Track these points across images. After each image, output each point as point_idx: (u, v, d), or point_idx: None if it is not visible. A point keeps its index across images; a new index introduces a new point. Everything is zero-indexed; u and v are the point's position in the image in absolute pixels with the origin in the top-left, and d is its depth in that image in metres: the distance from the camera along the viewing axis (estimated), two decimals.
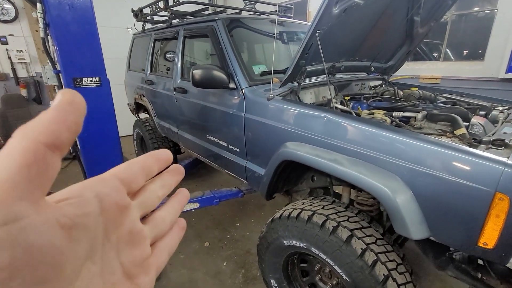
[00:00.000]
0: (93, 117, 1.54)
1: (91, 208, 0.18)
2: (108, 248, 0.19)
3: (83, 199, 0.18)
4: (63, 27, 1.30)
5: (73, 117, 0.17)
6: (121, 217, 0.20)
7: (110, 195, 0.20)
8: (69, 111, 0.17)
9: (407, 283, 1.14)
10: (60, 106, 0.17)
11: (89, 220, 0.17)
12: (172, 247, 0.27)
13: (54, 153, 0.16)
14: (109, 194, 0.19)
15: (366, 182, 1.08)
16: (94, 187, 0.19)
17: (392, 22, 1.82)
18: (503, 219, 0.84)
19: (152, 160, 0.25)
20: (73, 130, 0.17)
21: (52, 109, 0.16)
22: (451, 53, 3.41)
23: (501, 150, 0.98)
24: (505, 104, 1.78)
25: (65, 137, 0.16)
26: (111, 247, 0.20)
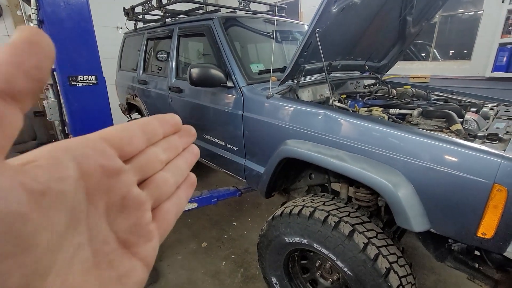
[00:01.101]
0: (89, 116, 1.50)
1: (67, 172, 0.15)
2: (96, 216, 0.17)
3: (57, 162, 0.15)
4: (58, 24, 1.27)
5: (33, 60, 0.14)
6: (110, 182, 0.18)
7: (92, 158, 0.17)
8: (27, 52, 0.14)
9: (407, 275, 1.17)
10: (15, 45, 0.13)
11: (65, 185, 0.15)
12: (179, 207, 0.25)
13: (8, 104, 0.13)
14: (91, 157, 0.17)
15: (369, 177, 1.11)
16: (70, 149, 0.16)
17: (386, 22, 1.86)
18: (501, 209, 0.87)
19: (155, 122, 0.23)
20: (33, 76, 0.14)
21: (4, 48, 0.13)
22: (440, 53, 3.52)
23: (496, 144, 1.02)
24: (493, 101, 1.86)
25: (21, 84, 0.13)
26: (99, 214, 0.18)
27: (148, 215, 0.21)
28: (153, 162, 0.22)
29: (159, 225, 0.22)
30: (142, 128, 0.21)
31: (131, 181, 0.20)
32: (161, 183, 0.23)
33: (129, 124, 0.21)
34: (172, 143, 0.24)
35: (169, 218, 0.23)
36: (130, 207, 0.20)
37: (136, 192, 0.20)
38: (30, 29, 0.14)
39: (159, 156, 0.23)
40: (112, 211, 0.19)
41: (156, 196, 0.22)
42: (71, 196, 0.15)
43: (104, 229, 0.18)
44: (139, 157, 0.21)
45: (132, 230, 0.20)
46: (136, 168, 0.21)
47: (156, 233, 0.22)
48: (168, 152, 0.24)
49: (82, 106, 1.44)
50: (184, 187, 0.26)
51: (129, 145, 0.20)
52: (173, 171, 0.24)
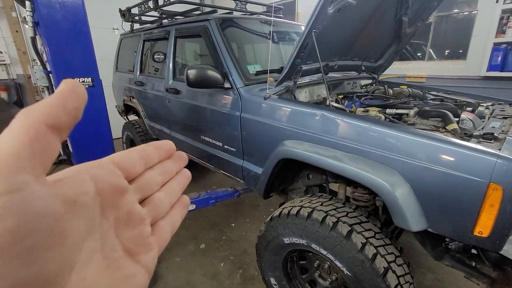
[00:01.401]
0: (86, 119, 1.49)
1: (88, 188, 0.19)
2: (106, 227, 0.21)
3: (80, 179, 0.19)
4: (53, 25, 1.26)
5: (74, 104, 0.18)
6: (118, 199, 0.21)
7: (105, 177, 0.21)
8: (70, 97, 0.18)
9: (405, 275, 1.17)
10: (62, 92, 0.18)
11: (87, 198, 0.18)
12: (174, 224, 0.28)
13: (54, 135, 0.17)
14: (105, 177, 0.21)
15: (366, 177, 1.11)
16: (89, 169, 0.20)
17: (382, 22, 1.87)
18: (497, 208, 0.88)
19: (152, 149, 0.27)
20: (73, 115, 0.18)
21: (54, 94, 0.18)
22: (435, 53, 3.55)
23: (492, 143, 1.03)
24: (489, 101, 1.87)
25: (65, 121, 0.17)
26: (109, 226, 0.21)
27: (148, 229, 0.25)
28: (151, 183, 0.26)
29: (157, 239, 0.26)
30: (141, 154, 0.25)
31: (134, 199, 0.23)
32: (158, 203, 0.26)
33: (130, 151, 0.25)
34: (167, 167, 0.28)
35: (165, 234, 0.27)
36: (134, 221, 0.23)
37: (138, 208, 0.24)
38: (72, 82, 0.19)
39: (156, 179, 0.26)
40: (119, 223, 0.22)
41: (154, 214, 0.26)
42: (91, 208, 0.19)
43: (113, 238, 0.21)
44: (140, 179, 0.25)
45: (136, 241, 0.23)
46: (137, 188, 0.24)
47: (156, 245, 0.25)
48: (163, 175, 0.27)
49: None
50: (179, 208, 0.29)
51: (132, 168, 0.24)
52: (168, 192, 0.28)
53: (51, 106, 0.17)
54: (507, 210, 0.88)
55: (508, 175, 0.87)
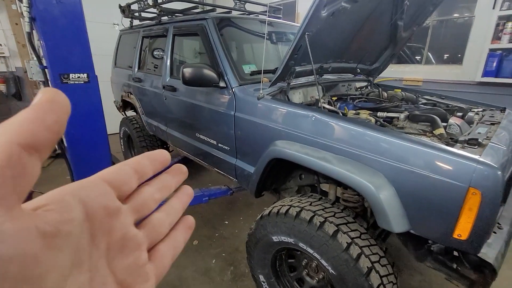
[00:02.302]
0: (81, 114, 1.51)
1: (74, 214, 0.17)
2: (97, 256, 0.18)
3: (65, 205, 0.17)
4: (50, 21, 1.28)
5: (54, 117, 0.15)
6: (111, 223, 0.19)
7: (96, 199, 0.18)
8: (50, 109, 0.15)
9: (389, 275, 1.20)
10: (39, 104, 0.15)
11: (72, 227, 0.16)
12: (176, 249, 0.25)
13: (31, 155, 0.14)
14: (95, 198, 0.18)
15: (352, 179, 1.14)
16: (77, 191, 0.18)
17: (377, 26, 1.89)
18: (475, 212, 0.90)
19: (146, 161, 0.24)
20: (54, 130, 0.15)
21: (30, 107, 0.15)
22: (432, 57, 3.57)
23: (475, 149, 1.05)
24: (480, 106, 1.90)
25: (44, 138, 0.15)
26: (100, 255, 0.19)
27: (145, 256, 0.22)
28: (148, 202, 0.23)
29: (156, 266, 0.23)
30: (134, 167, 0.23)
31: (129, 221, 0.21)
32: (157, 224, 0.24)
33: (122, 165, 0.22)
34: (165, 182, 0.26)
35: (165, 261, 0.24)
36: (129, 247, 0.21)
37: (133, 232, 0.21)
38: (51, 90, 0.16)
39: (153, 196, 0.24)
40: (112, 250, 0.19)
41: (152, 237, 0.23)
42: (77, 237, 0.17)
43: (104, 270, 0.19)
44: (135, 197, 0.22)
45: (130, 271, 0.20)
46: (133, 208, 0.22)
47: (153, 275, 0.22)
48: (162, 191, 0.25)
49: (73, 104, 1.44)
50: (182, 230, 0.26)
51: (125, 185, 0.21)
52: (168, 212, 0.25)
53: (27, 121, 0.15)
54: (485, 214, 0.90)
55: (486, 180, 0.89)
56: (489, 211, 0.90)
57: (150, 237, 0.23)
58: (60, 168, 3.57)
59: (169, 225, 0.25)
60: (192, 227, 0.28)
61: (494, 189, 0.89)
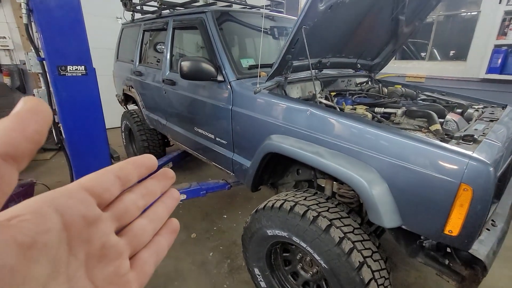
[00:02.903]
0: (79, 106, 1.53)
1: (50, 223, 0.16)
2: (75, 266, 0.18)
3: (41, 214, 0.16)
4: (47, 13, 1.28)
5: (35, 126, 0.15)
6: (90, 232, 0.19)
7: (74, 208, 0.18)
8: (30, 119, 0.15)
9: (381, 270, 1.20)
10: (20, 113, 0.15)
11: (49, 237, 0.16)
12: (159, 254, 0.25)
13: (9, 165, 0.14)
14: (73, 207, 0.18)
15: (344, 173, 1.14)
16: (54, 200, 0.17)
17: (378, 20, 1.86)
18: (466, 208, 0.90)
19: (130, 167, 0.23)
20: (34, 140, 0.15)
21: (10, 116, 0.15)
22: (436, 53, 3.52)
23: (470, 145, 1.04)
24: (482, 103, 1.87)
25: (24, 148, 0.15)
26: (79, 265, 0.18)
27: (126, 265, 0.21)
28: (130, 209, 0.22)
29: (138, 274, 0.22)
30: (117, 174, 0.22)
31: (109, 229, 0.20)
32: (139, 231, 0.23)
33: (104, 171, 0.21)
34: (149, 188, 0.25)
35: (147, 268, 0.23)
36: (109, 256, 0.20)
37: (114, 240, 0.21)
38: (32, 100, 0.16)
39: (136, 203, 0.23)
40: (91, 260, 0.19)
41: (134, 245, 0.23)
42: (54, 248, 0.16)
43: (83, 280, 0.18)
44: (117, 205, 0.22)
45: (110, 280, 0.20)
46: (113, 216, 0.21)
47: (135, 283, 0.22)
48: (146, 198, 0.24)
49: (71, 96, 1.47)
50: (166, 234, 0.25)
51: (106, 192, 0.21)
52: (151, 218, 0.24)
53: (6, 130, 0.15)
54: (476, 210, 0.90)
55: (478, 177, 0.89)
56: (481, 207, 0.90)
57: (132, 245, 0.22)
58: (62, 161, 3.62)
59: (152, 232, 0.24)
60: (176, 231, 0.27)
61: (485, 185, 0.88)
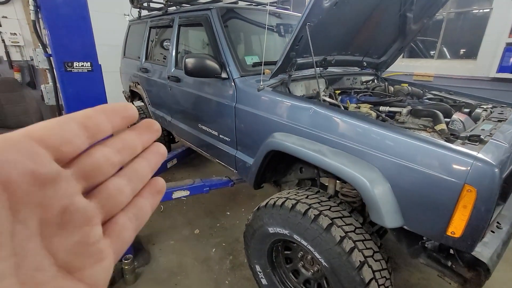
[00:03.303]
0: (84, 102, 1.55)
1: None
2: (24, 236, 0.14)
3: None
4: (54, 10, 1.30)
5: None
6: (44, 193, 0.15)
7: (16, 163, 0.14)
8: None
9: (382, 270, 1.20)
10: None
11: None
12: (141, 218, 0.21)
13: None
14: (15, 161, 0.14)
15: (346, 172, 1.13)
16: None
17: (385, 17, 1.83)
18: (469, 209, 0.88)
19: (101, 114, 0.18)
20: None
21: None
22: (445, 51, 3.44)
23: (476, 145, 1.02)
24: (491, 103, 1.83)
25: None
26: (30, 234, 0.15)
27: (97, 231, 0.18)
28: (102, 165, 0.18)
29: (114, 242, 0.19)
30: (83, 122, 0.17)
31: (73, 190, 0.17)
32: (114, 192, 0.19)
33: (66, 118, 0.17)
34: (127, 141, 0.20)
35: (126, 233, 0.20)
36: (73, 222, 0.16)
37: (80, 203, 0.17)
38: None
39: (110, 159, 0.19)
40: (48, 228, 0.15)
41: (108, 208, 0.19)
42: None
43: (37, 253, 0.15)
44: (83, 160, 0.18)
45: (76, 251, 0.16)
46: (80, 174, 0.17)
47: (109, 252, 0.18)
48: (122, 153, 0.20)
49: (77, 92, 1.49)
50: (148, 195, 0.22)
51: (66, 144, 0.16)
52: (129, 177, 0.20)
53: None
54: (479, 212, 0.88)
55: (483, 178, 0.87)
56: (485, 209, 0.88)
57: (105, 209, 0.18)
58: None
59: (131, 193, 0.20)
60: (162, 191, 0.23)
61: (490, 186, 0.86)
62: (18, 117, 3.77)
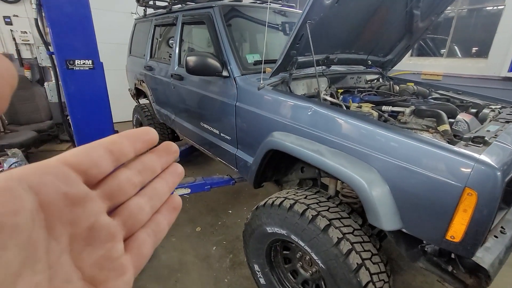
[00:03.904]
0: (86, 100, 1.57)
1: (21, 203, 0.14)
2: (57, 251, 0.16)
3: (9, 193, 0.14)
4: (56, 8, 1.32)
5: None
6: (74, 212, 0.17)
7: (52, 185, 0.16)
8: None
9: (380, 273, 1.17)
10: None
11: (19, 219, 0.14)
12: (158, 234, 0.23)
13: None
14: (50, 184, 0.16)
15: (344, 173, 1.11)
16: (27, 176, 0.15)
17: (391, 14, 1.79)
18: (470, 213, 0.85)
19: (124, 140, 0.20)
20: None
21: None
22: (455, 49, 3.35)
23: (480, 147, 0.98)
24: (500, 103, 1.77)
25: None
26: (61, 249, 0.16)
27: (120, 247, 0.19)
28: (124, 186, 0.20)
29: (134, 257, 0.20)
30: (108, 147, 0.19)
31: (99, 209, 0.18)
32: (135, 211, 0.21)
33: (93, 145, 0.19)
34: (147, 163, 0.22)
35: (145, 249, 0.21)
36: (99, 238, 0.18)
37: (105, 221, 0.19)
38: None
39: (131, 180, 0.21)
40: (77, 244, 0.17)
41: (129, 225, 0.21)
42: (27, 231, 0.14)
43: (67, 266, 0.16)
44: (108, 182, 0.20)
45: (101, 265, 0.18)
46: (105, 194, 0.19)
47: (130, 267, 0.20)
48: (143, 174, 0.22)
49: (79, 89, 1.51)
50: (166, 212, 0.23)
51: (94, 168, 0.18)
52: (149, 196, 0.22)
53: None
54: (480, 216, 0.85)
55: (484, 181, 0.84)
56: (486, 213, 0.85)
57: (127, 226, 0.20)
58: None
59: (150, 210, 0.22)
60: (178, 208, 0.24)
61: (492, 190, 0.83)
62: (28, 114, 3.86)
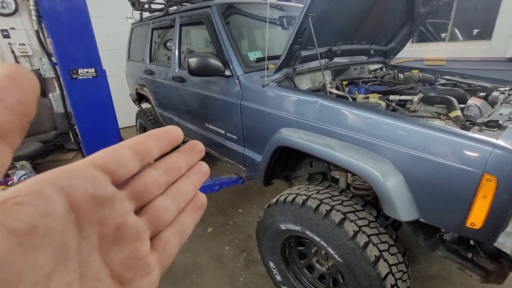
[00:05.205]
0: (92, 108, 1.57)
1: (53, 205, 0.14)
2: (87, 250, 0.16)
3: (41, 196, 0.14)
4: (55, 18, 1.31)
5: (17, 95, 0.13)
6: (103, 212, 0.17)
7: (81, 187, 0.16)
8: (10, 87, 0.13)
9: (398, 264, 1.16)
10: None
11: (52, 220, 0.14)
12: (183, 233, 0.23)
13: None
14: (80, 186, 0.16)
15: (357, 166, 1.09)
16: (56, 179, 0.16)
17: (391, 1, 1.76)
18: (490, 199, 0.84)
19: (149, 140, 0.21)
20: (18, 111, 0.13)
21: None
22: (457, 33, 3.29)
23: (494, 132, 0.97)
24: (509, 85, 1.74)
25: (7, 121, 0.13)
26: (91, 248, 0.17)
27: (146, 246, 0.20)
28: (150, 186, 0.21)
29: (160, 256, 0.21)
30: (134, 148, 0.20)
31: (126, 209, 0.19)
32: (161, 210, 0.21)
33: (119, 146, 0.20)
34: (173, 163, 0.22)
35: (170, 248, 0.21)
36: (126, 237, 0.18)
37: (132, 221, 0.19)
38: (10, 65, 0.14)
39: (157, 180, 0.21)
40: (105, 243, 0.18)
41: (155, 225, 0.21)
42: (59, 232, 0.14)
43: (97, 265, 0.17)
44: (135, 182, 0.20)
45: (128, 264, 0.18)
46: (131, 194, 0.19)
47: (156, 265, 0.20)
48: (169, 173, 0.22)
49: (83, 98, 1.51)
50: (191, 211, 0.23)
51: (121, 168, 0.19)
52: (175, 196, 0.22)
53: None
54: (500, 202, 0.84)
55: (503, 165, 0.82)
56: (506, 198, 0.83)
57: (152, 225, 0.20)
58: None
59: (176, 210, 0.22)
60: (203, 207, 0.24)
61: (511, 174, 0.81)
62: (33, 126, 3.88)
